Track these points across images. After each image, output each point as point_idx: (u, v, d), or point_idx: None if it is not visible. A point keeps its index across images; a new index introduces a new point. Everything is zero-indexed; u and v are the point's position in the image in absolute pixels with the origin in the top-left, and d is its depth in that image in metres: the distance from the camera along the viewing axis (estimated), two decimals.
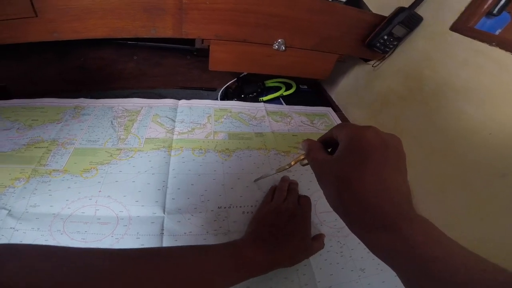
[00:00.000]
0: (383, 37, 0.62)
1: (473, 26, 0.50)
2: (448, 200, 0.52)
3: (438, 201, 0.53)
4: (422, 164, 0.57)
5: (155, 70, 0.77)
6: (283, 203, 0.47)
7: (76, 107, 0.61)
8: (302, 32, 0.62)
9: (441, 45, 0.57)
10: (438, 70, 0.57)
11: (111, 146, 0.54)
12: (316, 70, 0.72)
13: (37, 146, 0.52)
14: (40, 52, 0.65)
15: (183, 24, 0.53)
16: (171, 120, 0.63)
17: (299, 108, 0.80)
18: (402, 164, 0.27)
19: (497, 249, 0.43)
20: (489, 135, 0.46)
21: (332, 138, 0.31)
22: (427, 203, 0.55)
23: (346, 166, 0.26)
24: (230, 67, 0.66)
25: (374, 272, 0.45)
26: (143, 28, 0.52)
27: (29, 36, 0.48)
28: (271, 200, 0.49)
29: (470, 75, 0.51)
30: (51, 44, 0.50)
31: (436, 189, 0.54)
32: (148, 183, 0.49)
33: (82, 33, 0.50)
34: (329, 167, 0.28)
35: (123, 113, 0.62)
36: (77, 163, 0.50)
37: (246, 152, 0.60)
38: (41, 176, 0.47)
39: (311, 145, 0.32)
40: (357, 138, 0.27)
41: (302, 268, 0.43)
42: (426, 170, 0.56)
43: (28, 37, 0.48)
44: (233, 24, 0.56)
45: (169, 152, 0.55)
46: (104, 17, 0.49)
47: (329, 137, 0.32)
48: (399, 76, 0.68)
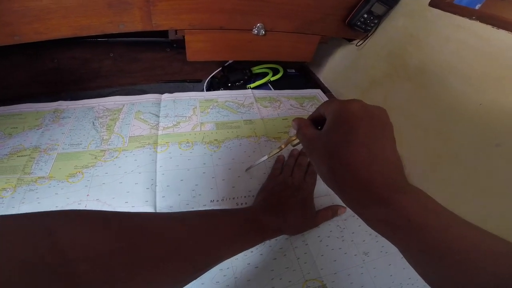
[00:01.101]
0: (363, 15, 0.61)
1: (452, 1, 0.50)
2: (443, 177, 0.51)
3: (431, 179, 0.53)
4: (413, 141, 0.57)
5: (133, 66, 0.74)
6: (289, 177, 0.49)
7: (55, 111, 0.59)
8: (282, 16, 0.60)
9: (421, 22, 0.56)
10: (421, 46, 0.57)
11: (94, 148, 0.52)
12: (299, 53, 0.71)
13: (19, 154, 0.50)
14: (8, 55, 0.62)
15: (153, 16, 0.51)
16: (154, 115, 0.61)
17: (287, 92, 0.78)
18: (389, 133, 0.26)
19: (498, 223, 0.42)
20: (480, 105, 0.46)
21: (320, 116, 0.31)
22: (421, 182, 0.54)
23: (334, 138, 0.26)
24: (210, 56, 0.64)
25: (379, 255, 0.44)
26: (110, 24, 0.50)
27: None
28: (279, 173, 0.51)
29: (452, 50, 0.50)
30: (19, 46, 0.48)
31: (429, 166, 0.54)
32: (136, 182, 0.47)
33: (44, 34, 0.47)
34: (318, 142, 0.28)
35: (104, 112, 0.60)
36: (62, 169, 0.48)
37: (236, 141, 0.58)
38: (28, 185, 0.45)
39: (300, 123, 0.32)
40: (343, 110, 0.26)
41: (303, 256, 0.43)
42: (417, 147, 0.56)
43: None
44: (207, 12, 0.54)
45: (155, 148, 0.54)
46: (66, 16, 0.47)
47: (317, 114, 0.32)
48: (383, 54, 0.67)
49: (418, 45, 0.57)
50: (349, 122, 0.25)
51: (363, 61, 0.74)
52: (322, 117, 0.30)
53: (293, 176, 0.50)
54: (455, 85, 0.50)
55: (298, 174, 0.50)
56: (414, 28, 0.58)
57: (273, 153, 0.44)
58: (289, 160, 0.54)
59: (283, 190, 0.46)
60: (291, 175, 0.50)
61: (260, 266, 0.41)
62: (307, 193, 0.48)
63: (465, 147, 0.48)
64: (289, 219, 0.42)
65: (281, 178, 0.50)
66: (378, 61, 0.69)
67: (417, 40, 0.57)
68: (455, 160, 0.50)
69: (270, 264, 0.41)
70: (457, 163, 0.49)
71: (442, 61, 0.52)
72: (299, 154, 0.55)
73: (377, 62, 0.69)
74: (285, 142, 0.40)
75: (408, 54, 0.59)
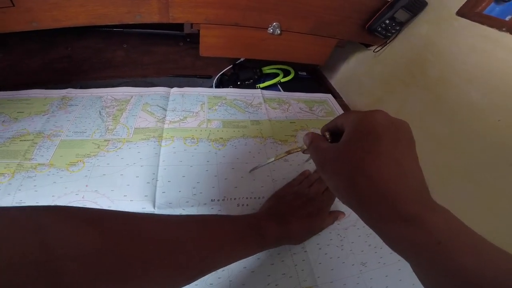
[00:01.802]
0: (385, 21, 0.59)
1: (482, 11, 0.48)
2: (452, 192, 0.50)
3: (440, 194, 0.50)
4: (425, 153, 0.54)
5: (145, 58, 0.74)
6: (305, 189, 0.48)
7: (63, 98, 0.59)
8: (299, 16, 0.58)
9: (447, 31, 0.54)
10: (443, 56, 0.55)
11: (98, 137, 0.51)
12: (313, 56, 0.69)
13: (22, 139, 0.49)
14: (24, 42, 0.63)
15: (170, 9, 0.50)
16: (162, 108, 0.60)
17: (297, 95, 0.76)
18: (414, 148, 0.25)
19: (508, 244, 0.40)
20: (498, 121, 0.44)
21: (336, 128, 0.29)
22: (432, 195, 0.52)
23: (356, 149, 0.24)
24: (222, 53, 0.63)
25: (376, 266, 0.43)
26: (127, 14, 0.49)
27: (7, 26, 0.46)
28: (298, 184, 0.49)
29: (477, 61, 0.48)
30: (35, 33, 0.48)
31: (438, 180, 0.52)
32: (137, 176, 0.46)
33: (62, 22, 0.47)
34: (335, 154, 0.26)
35: (112, 102, 0.59)
36: (63, 156, 0.48)
37: (241, 141, 0.57)
38: (27, 171, 0.44)
39: (313, 136, 0.31)
40: (366, 120, 0.25)
41: (300, 263, 0.42)
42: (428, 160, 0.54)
43: (6, 27, 0.46)
44: (223, 7, 0.53)
45: (159, 142, 0.53)
46: (85, 4, 0.46)
47: (333, 126, 0.30)
48: (401, 62, 0.65)
49: (440, 54, 0.55)
50: (374, 133, 0.24)
51: (379, 68, 0.72)
52: (338, 129, 0.28)
53: (310, 189, 0.48)
54: (475, 98, 0.48)
55: (316, 187, 0.48)
56: (438, 37, 0.56)
57: (279, 157, 0.42)
58: (312, 175, 0.53)
59: (294, 199, 0.45)
60: (309, 187, 0.49)
61: (256, 271, 0.40)
62: (321, 206, 0.45)
63: (478, 164, 0.46)
64: (292, 229, 0.40)
65: (296, 188, 0.48)
66: (395, 69, 0.66)
67: (440, 49, 0.55)
68: (466, 176, 0.48)
69: (267, 269, 0.40)
70: (468, 179, 0.47)
71: (464, 72, 0.50)
72: None
73: (394, 69, 0.67)
74: (293, 148, 0.38)
75: (428, 63, 0.57)
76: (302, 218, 0.42)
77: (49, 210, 0.24)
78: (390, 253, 0.44)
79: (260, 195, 0.48)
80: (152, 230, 0.28)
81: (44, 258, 0.19)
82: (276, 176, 0.52)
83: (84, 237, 0.22)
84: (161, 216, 0.32)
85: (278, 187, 0.50)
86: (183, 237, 0.29)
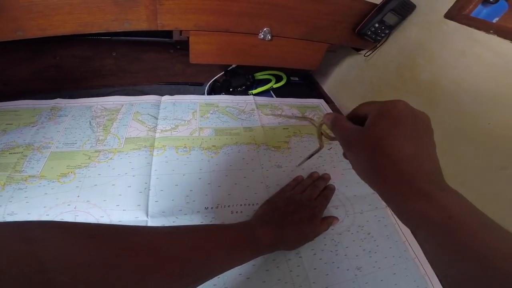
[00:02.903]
0: (374, 25, 0.60)
1: (469, 14, 0.49)
2: None
3: None
4: None
5: (135, 66, 0.74)
6: (298, 195, 0.48)
7: (52, 108, 0.58)
8: (291, 21, 0.58)
9: (436, 34, 0.54)
10: (433, 60, 0.55)
11: (89, 148, 0.51)
12: (305, 60, 0.70)
13: (11, 152, 0.49)
14: (10, 51, 0.62)
15: (158, 15, 0.50)
16: (153, 117, 0.60)
17: (290, 101, 0.77)
18: (431, 137, 0.27)
19: None
20: (488, 125, 0.44)
21: (356, 116, 0.31)
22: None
23: (378, 131, 0.26)
24: (213, 59, 0.63)
25: (371, 271, 0.43)
26: (115, 21, 0.49)
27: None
28: (291, 190, 0.50)
29: (467, 65, 0.49)
30: (21, 42, 0.47)
31: None
32: (129, 185, 0.46)
33: (48, 30, 0.47)
34: (360, 134, 0.28)
35: (102, 112, 0.59)
36: (53, 168, 0.47)
37: (234, 148, 0.57)
38: (17, 183, 0.44)
39: (335, 117, 0.32)
40: (388, 107, 0.27)
41: (295, 269, 0.42)
42: None
43: None
44: (214, 14, 0.53)
45: (151, 151, 0.52)
46: (71, 12, 0.46)
47: (354, 114, 0.32)
48: (392, 66, 0.66)
49: (430, 58, 0.56)
50: (395, 118, 0.26)
51: (370, 73, 0.73)
52: (358, 117, 0.31)
53: (303, 194, 0.48)
54: (466, 101, 0.48)
55: (309, 192, 0.49)
56: (427, 40, 0.56)
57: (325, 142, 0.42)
58: (305, 180, 0.53)
59: (286, 205, 0.45)
60: (302, 193, 0.49)
61: (251, 277, 0.40)
62: (314, 212, 0.45)
63: (469, 168, 0.47)
64: (286, 235, 0.41)
65: (289, 194, 0.48)
66: (386, 73, 0.67)
67: (430, 53, 0.56)
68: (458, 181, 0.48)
69: (262, 276, 0.40)
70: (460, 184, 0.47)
71: (455, 76, 0.50)
72: (318, 178, 0.54)
73: (385, 74, 0.67)
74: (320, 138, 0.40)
75: (419, 67, 0.58)
76: (295, 223, 0.42)
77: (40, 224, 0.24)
78: (385, 257, 0.45)
79: (254, 201, 0.48)
80: (144, 240, 0.28)
81: (35, 270, 0.19)
82: (270, 182, 0.52)
83: (75, 249, 0.22)
84: (152, 228, 0.32)
85: (271, 193, 0.50)
86: (175, 247, 0.29)
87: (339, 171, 0.57)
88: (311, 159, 0.51)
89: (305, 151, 0.60)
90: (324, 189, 0.52)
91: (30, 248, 0.20)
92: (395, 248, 0.47)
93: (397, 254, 0.46)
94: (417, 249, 0.47)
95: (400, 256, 0.46)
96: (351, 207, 0.51)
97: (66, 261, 0.20)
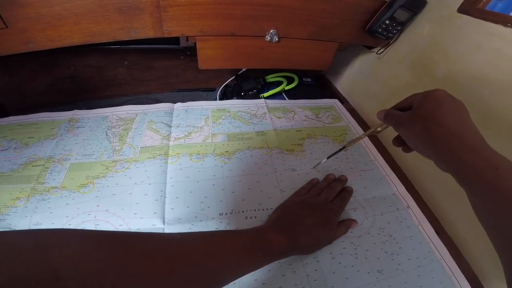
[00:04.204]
0: (385, 22, 0.58)
1: (483, 7, 0.47)
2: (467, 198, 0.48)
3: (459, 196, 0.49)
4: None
5: (147, 74, 0.75)
6: (313, 198, 0.47)
7: (70, 120, 0.60)
8: (297, 21, 0.58)
9: (449, 29, 0.53)
10: (449, 55, 0.53)
11: (106, 159, 0.52)
12: (315, 61, 0.69)
13: (34, 164, 0.51)
14: (26, 64, 0.64)
15: (164, 23, 0.51)
16: (166, 125, 0.61)
17: (302, 102, 0.76)
18: (469, 115, 0.32)
19: None
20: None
21: (401, 108, 0.38)
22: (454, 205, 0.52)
23: (427, 109, 0.33)
24: (221, 64, 0.63)
25: (394, 273, 0.42)
26: (121, 30, 0.50)
27: (4, 48, 0.47)
28: (305, 193, 0.49)
29: (485, 60, 0.47)
30: (37, 54, 0.49)
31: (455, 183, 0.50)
32: (145, 194, 0.47)
33: (57, 41, 0.48)
34: (410, 115, 0.35)
35: (117, 122, 0.60)
36: (73, 179, 0.49)
37: (247, 153, 0.57)
38: (40, 194, 0.46)
39: (387, 110, 0.40)
40: (431, 93, 0.34)
41: (313, 274, 0.41)
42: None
43: (4, 50, 0.47)
44: (218, 18, 0.53)
45: (166, 160, 0.53)
46: (78, 23, 0.47)
47: (399, 106, 0.39)
48: (405, 62, 0.64)
49: (445, 53, 0.54)
50: (438, 100, 0.32)
51: (384, 70, 0.71)
52: (402, 108, 0.38)
53: (318, 197, 0.47)
54: (487, 97, 0.46)
55: (325, 195, 0.47)
56: (441, 36, 0.54)
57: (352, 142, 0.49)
58: (320, 183, 0.52)
59: (300, 209, 0.44)
60: (317, 196, 0.48)
61: (267, 283, 0.39)
62: (330, 214, 0.44)
63: None
64: (300, 240, 0.39)
65: (303, 197, 0.48)
66: (400, 71, 0.65)
67: (445, 49, 0.54)
68: None
69: (278, 281, 0.40)
70: None
71: (473, 71, 0.49)
72: (335, 180, 0.53)
73: (399, 71, 0.66)
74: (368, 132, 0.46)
75: (434, 63, 0.56)
76: (309, 228, 0.41)
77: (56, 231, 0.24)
78: (409, 259, 0.44)
79: (268, 206, 0.48)
80: (158, 248, 0.28)
81: (50, 278, 0.19)
82: (284, 186, 0.51)
83: (89, 257, 0.22)
84: (166, 235, 0.33)
85: (286, 197, 0.49)
86: (189, 254, 0.29)
87: (356, 172, 0.56)
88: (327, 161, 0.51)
89: (320, 153, 0.59)
90: (341, 192, 0.51)
91: (45, 256, 0.20)
92: (419, 249, 0.45)
93: (422, 256, 0.45)
94: (442, 250, 0.46)
95: (425, 257, 0.45)
96: (371, 209, 0.50)
97: (80, 269, 0.21)
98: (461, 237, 0.50)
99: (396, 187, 0.55)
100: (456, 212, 0.52)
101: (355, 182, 0.54)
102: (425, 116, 0.32)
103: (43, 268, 0.19)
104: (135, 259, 0.25)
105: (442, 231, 0.51)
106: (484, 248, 0.46)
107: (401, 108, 0.38)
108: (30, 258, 0.19)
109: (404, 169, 0.62)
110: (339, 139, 0.64)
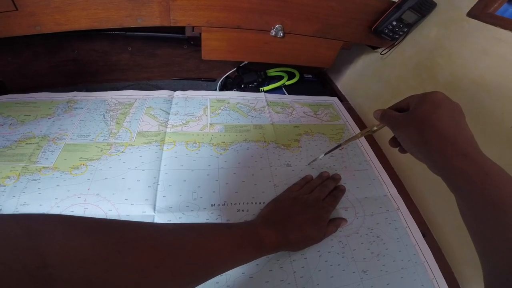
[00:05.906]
0: (392, 23, 0.58)
1: (494, 12, 0.47)
2: None
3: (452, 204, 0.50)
4: None
5: (150, 61, 0.75)
6: (305, 195, 0.47)
7: (69, 101, 0.60)
8: (303, 18, 0.58)
9: (457, 33, 0.52)
10: (453, 59, 0.53)
11: (102, 141, 0.52)
12: (318, 58, 0.68)
13: (28, 142, 0.50)
14: (31, 46, 0.64)
15: (171, 12, 0.50)
16: (165, 112, 0.60)
17: (302, 98, 0.75)
18: (464, 118, 0.32)
19: None
20: (510, 128, 0.42)
21: (399, 108, 0.38)
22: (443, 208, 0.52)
23: (424, 111, 0.32)
24: (225, 56, 0.62)
25: (378, 274, 0.43)
26: (128, 17, 0.49)
27: (12, 30, 0.47)
28: (298, 189, 0.49)
29: (489, 65, 0.47)
30: (42, 37, 0.49)
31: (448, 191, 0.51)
32: (138, 180, 0.47)
33: (65, 25, 0.48)
34: (407, 116, 0.35)
35: (116, 106, 0.60)
36: (67, 159, 0.48)
37: (244, 145, 0.57)
38: (31, 174, 0.45)
39: (384, 110, 0.39)
40: (429, 95, 0.34)
41: (299, 270, 0.41)
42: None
43: (11, 31, 0.47)
44: (225, 10, 0.53)
45: (161, 146, 0.53)
46: (86, 8, 0.47)
47: (397, 106, 0.38)
48: (409, 65, 0.64)
49: (450, 57, 0.54)
50: (435, 103, 0.32)
51: (387, 71, 0.71)
52: (400, 109, 0.37)
53: (311, 194, 0.47)
54: (487, 103, 0.46)
55: (318, 193, 0.48)
56: (448, 39, 0.54)
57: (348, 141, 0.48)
58: (314, 180, 0.52)
59: (292, 205, 0.44)
60: (310, 193, 0.48)
61: (254, 277, 0.40)
62: (321, 212, 0.44)
63: None
64: (291, 236, 0.40)
65: (296, 193, 0.48)
66: (403, 72, 0.65)
67: (449, 53, 0.54)
68: None
69: (265, 276, 0.40)
70: None
71: (476, 77, 0.48)
72: (328, 178, 0.53)
73: (402, 73, 0.65)
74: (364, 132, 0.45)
75: (437, 67, 0.56)
76: (299, 224, 0.41)
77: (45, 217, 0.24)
78: (394, 260, 0.44)
79: (261, 200, 0.48)
80: (147, 237, 0.28)
81: (37, 264, 0.19)
82: (278, 181, 0.51)
83: (77, 245, 0.22)
84: (156, 224, 0.32)
85: (279, 192, 0.49)
86: (178, 244, 0.29)
87: (350, 171, 0.56)
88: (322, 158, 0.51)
89: (316, 150, 0.59)
90: (334, 190, 0.51)
91: (33, 243, 0.20)
92: (405, 251, 0.46)
93: (406, 258, 0.45)
94: (427, 253, 0.46)
95: (409, 259, 0.45)
96: (362, 209, 0.50)
97: (67, 257, 0.20)
98: (447, 241, 0.51)
99: (388, 189, 0.55)
100: (444, 216, 0.52)
101: (349, 181, 0.54)
102: (421, 119, 0.32)
103: (31, 254, 0.19)
104: (124, 248, 0.24)
105: (428, 234, 0.52)
106: (468, 252, 0.47)
107: (399, 108, 0.38)
108: (17, 244, 0.19)
109: (397, 170, 0.62)
110: (335, 138, 0.64)
